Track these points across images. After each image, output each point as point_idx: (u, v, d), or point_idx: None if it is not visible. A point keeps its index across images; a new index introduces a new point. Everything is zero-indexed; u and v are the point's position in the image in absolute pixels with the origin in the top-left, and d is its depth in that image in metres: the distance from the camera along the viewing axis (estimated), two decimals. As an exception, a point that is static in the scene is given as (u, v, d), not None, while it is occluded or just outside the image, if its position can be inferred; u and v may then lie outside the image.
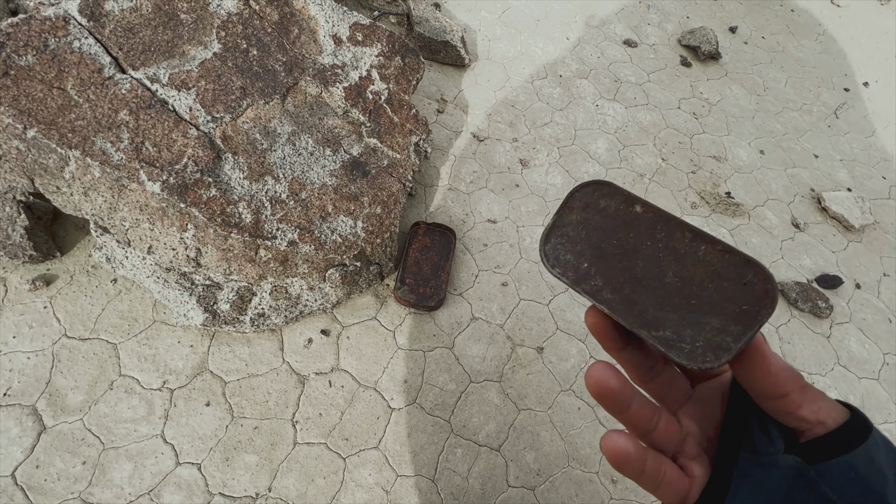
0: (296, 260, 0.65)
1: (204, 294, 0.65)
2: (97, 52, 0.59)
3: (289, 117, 0.69)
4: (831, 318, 0.93)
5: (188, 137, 0.60)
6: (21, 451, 0.57)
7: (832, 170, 1.22)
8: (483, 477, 0.65)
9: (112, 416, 0.61)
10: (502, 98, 1.09)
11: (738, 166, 1.14)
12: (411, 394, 0.69)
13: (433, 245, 0.81)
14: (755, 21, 1.59)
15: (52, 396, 0.61)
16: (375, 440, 0.65)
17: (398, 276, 0.76)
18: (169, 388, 0.64)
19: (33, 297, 0.66)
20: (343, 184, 0.69)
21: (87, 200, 0.59)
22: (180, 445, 0.61)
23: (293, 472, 0.62)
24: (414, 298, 0.75)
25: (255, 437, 0.63)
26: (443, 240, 0.82)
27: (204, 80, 0.64)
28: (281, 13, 0.73)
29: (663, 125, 1.17)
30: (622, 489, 0.69)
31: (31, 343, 0.63)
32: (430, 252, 0.80)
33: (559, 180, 0.99)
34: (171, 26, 0.64)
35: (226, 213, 0.60)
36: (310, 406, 0.66)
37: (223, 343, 0.68)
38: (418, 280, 0.77)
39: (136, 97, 0.59)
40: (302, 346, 0.70)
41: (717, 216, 1.03)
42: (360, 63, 0.77)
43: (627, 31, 1.37)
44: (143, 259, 0.63)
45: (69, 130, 0.55)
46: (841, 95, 1.44)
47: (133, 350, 0.65)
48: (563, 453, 0.69)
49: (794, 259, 1.01)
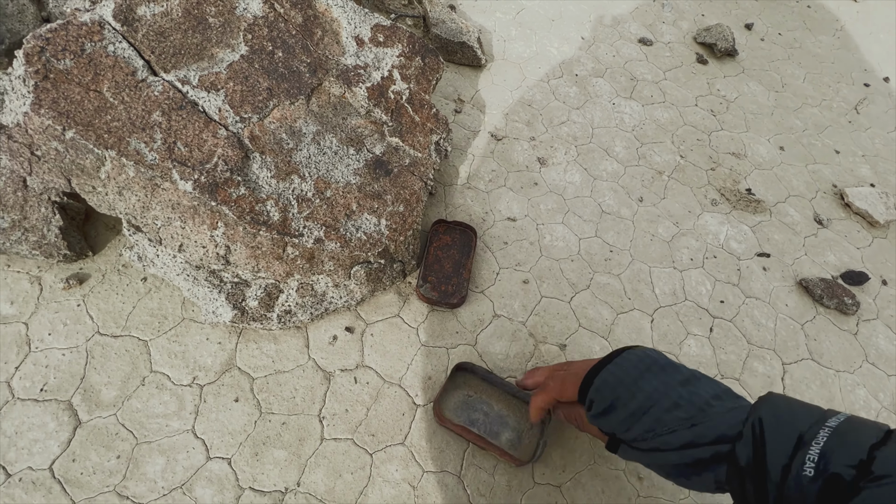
0: (322, 257, 0.66)
1: (232, 291, 0.66)
2: (131, 55, 0.61)
3: (313, 117, 0.70)
4: (858, 314, 0.92)
5: (218, 137, 0.61)
6: (58, 445, 0.58)
7: (854, 165, 1.20)
8: (509, 474, 0.65)
9: (144, 411, 0.62)
10: (519, 97, 1.10)
11: (757, 163, 1.13)
12: (436, 390, 0.69)
13: (454, 243, 0.81)
14: (771, 18, 1.58)
15: (86, 392, 0.62)
16: (401, 436, 0.66)
17: (420, 273, 0.77)
18: (199, 384, 0.65)
19: (67, 296, 0.67)
20: (366, 182, 0.70)
21: (121, 199, 0.60)
22: (211, 440, 0.62)
23: (321, 468, 0.62)
24: (436, 296, 0.75)
25: (284, 432, 0.64)
26: (463, 238, 0.82)
27: (232, 81, 0.65)
28: (305, 15, 0.74)
29: (681, 122, 1.17)
30: (648, 486, 0.68)
31: (66, 340, 0.64)
32: (451, 250, 0.80)
33: (578, 178, 0.99)
34: (199, 30, 0.66)
35: (255, 211, 0.61)
36: (336, 402, 0.67)
37: (250, 340, 0.69)
38: (440, 278, 0.77)
39: (168, 99, 0.61)
40: (327, 343, 0.71)
41: (738, 213, 1.03)
42: (382, 63, 0.78)
43: (642, 30, 1.37)
44: (173, 257, 0.65)
45: (105, 131, 0.56)
46: (861, 91, 1.42)
47: (163, 347, 0.66)
48: (587, 449, 0.69)
49: (818, 255, 0.99)
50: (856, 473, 0.32)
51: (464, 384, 0.69)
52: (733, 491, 0.41)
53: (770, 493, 0.36)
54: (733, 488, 0.40)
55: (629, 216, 0.96)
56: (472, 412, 0.68)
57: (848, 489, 0.32)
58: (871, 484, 0.31)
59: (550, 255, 0.86)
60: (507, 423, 0.68)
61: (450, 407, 0.68)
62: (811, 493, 0.33)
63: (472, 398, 0.69)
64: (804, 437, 0.36)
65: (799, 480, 0.34)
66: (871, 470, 0.32)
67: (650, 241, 0.93)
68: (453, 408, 0.68)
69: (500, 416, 0.68)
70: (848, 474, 0.32)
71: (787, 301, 0.91)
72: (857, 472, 0.32)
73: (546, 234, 0.89)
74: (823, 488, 0.33)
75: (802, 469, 0.34)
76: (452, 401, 0.68)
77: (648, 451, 0.46)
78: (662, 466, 0.47)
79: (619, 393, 0.48)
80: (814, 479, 0.33)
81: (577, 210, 0.94)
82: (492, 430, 0.67)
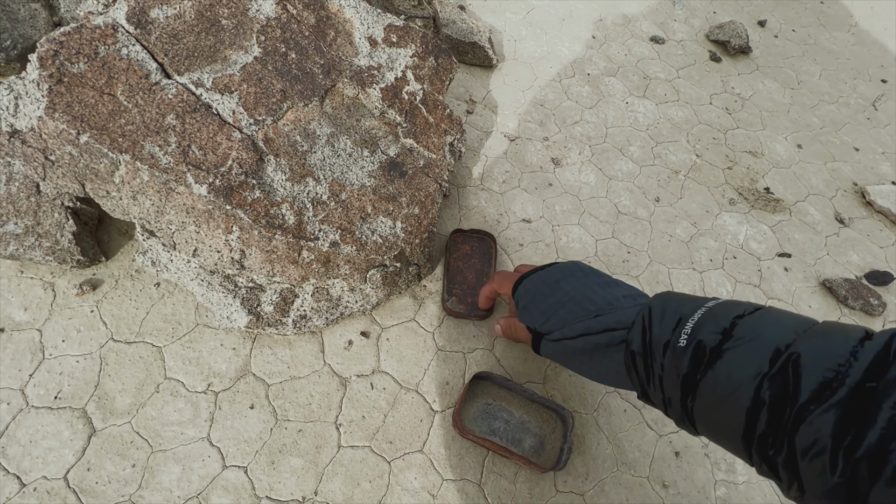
0: (338, 261, 0.65)
1: (247, 296, 0.65)
2: (144, 58, 0.60)
3: (327, 119, 0.69)
4: (884, 315, 0.90)
5: (232, 140, 0.61)
6: (73, 454, 0.57)
7: (874, 163, 1.17)
8: (531, 481, 0.63)
9: (159, 418, 0.61)
10: (531, 97, 1.08)
11: (775, 161, 1.11)
12: (453, 396, 0.68)
13: (473, 252, 0.80)
14: (784, 14, 1.56)
15: (100, 399, 0.61)
16: (419, 443, 0.64)
17: (444, 287, 0.75)
18: (213, 391, 0.64)
19: (80, 302, 0.66)
20: (381, 184, 0.69)
21: (135, 204, 0.59)
22: (226, 448, 0.61)
23: (339, 476, 0.61)
24: (464, 309, 0.74)
25: (300, 440, 0.62)
26: (482, 245, 0.81)
27: (246, 83, 0.64)
28: (317, 16, 0.73)
29: (696, 121, 1.15)
30: (674, 494, 0.66)
31: (80, 347, 0.64)
32: (471, 259, 0.79)
33: (592, 178, 0.97)
34: (213, 32, 0.65)
35: (270, 214, 0.60)
36: (352, 409, 0.65)
37: (265, 346, 0.68)
38: (465, 290, 0.75)
39: (182, 101, 0.60)
40: (342, 348, 0.69)
41: (757, 212, 1.00)
42: (396, 64, 0.77)
43: (654, 28, 1.35)
44: (187, 262, 0.64)
45: (119, 135, 0.56)
46: (878, 87, 1.39)
47: (177, 353, 0.65)
48: (611, 457, 0.67)
49: (841, 255, 0.97)
50: (721, 339, 0.35)
51: (482, 393, 0.68)
52: (630, 377, 0.43)
53: (655, 371, 0.39)
54: (630, 374, 0.43)
55: (646, 216, 0.94)
56: (493, 421, 0.66)
57: (712, 353, 0.35)
58: (731, 343, 0.34)
59: (567, 256, 0.85)
60: (528, 430, 0.66)
61: (470, 417, 0.66)
62: (684, 362, 0.36)
63: (492, 406, 0.67)
64: (683, 318, 0.39)
65: (674, 352, 0.37)
66: (732, 334, 0.35)
67: (668, 241, 0.91)
68: (473, 417, 0.66)
69: (521, 422, 0.66)
70: (713, 340, 0.35)
71: (811, 302, 0.89)
72: (722, 338, 0.35)
73: (562, 236, 0.87)
74: (693, 355, 0.36)
75: (678, 342, 0.37)
76: (472, 410, 0.67)
77: (559, 340, 0.51)
78: (572, 356, 0.51)
79: (542, 289, 0.55)
80: (685, 349, 0.37)
81: (592, 211, 0.92)
82: (514, 438, 0.65)
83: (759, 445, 0.31)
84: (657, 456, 0.69)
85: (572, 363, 0.53)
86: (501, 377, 0.67)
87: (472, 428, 0.65)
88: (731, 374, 0.33)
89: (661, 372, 0.39)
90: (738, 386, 0.32)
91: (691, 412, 0.37)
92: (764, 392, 0.31)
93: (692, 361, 0.36)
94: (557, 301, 0.52)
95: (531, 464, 0.61)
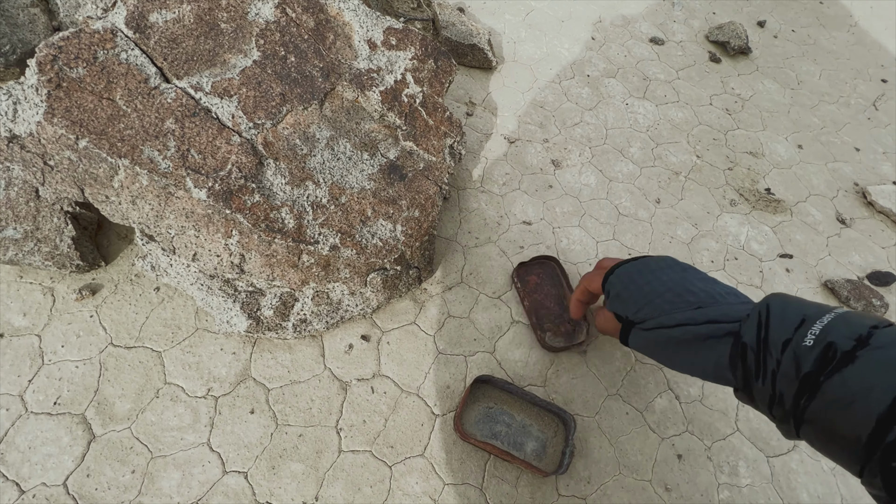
0: (338, 265, 0.65)
1: (247, 300, 0.65)
2: (143, 62, 0.60)
3: (327, 122, 0.69)
4: (886, 316, 0.89)
5: (231, 144, 0.60)
6: (72, 460, 0.57)
7: (875, 163, 1.17)
8: (532, 485, 0.63)
9: (159, 424, 0.61)
10: (531, 99, 1.08)
11: (776, 162, 1.11)
12: (454, 400, 0.68)
13: (542, 280, 0.78)
14: (783, 15, 1.56)
15: (100, 405, 0.61)
16: (420, 447, 0.64)
17: (534, 326, 0.74)
18: (213, 396, 0.63)
19: (80, 307, 0.66)
20: (381, 188, 0.69)
21: (134, 209, 0.59)
22: (226, 454, 0.60)
23: (339, 481, 0.60)
24: (564, 340, 0.73)
25: (300, 444, 0.62)
26: (546, 269, 0.80)
27: (245, 87, 0.64)
28: (317, 20, 0.73)
29: (696, 122, 1.15)
30: (676, 497, 0.66)
31: (79, 352, 0.63)
32: (544, 287, 0.78)
33: (593, 180, 0.97)
34: (212, 36, 0.65)
35: (269, 218, 0.60)
36: (353, 413, 0.65)
37: (265, 350, 0.68)
38: (554, 320, 0.74)
39: (181, 106, 0.60)
40: (343, 352, 0.69)
41: (758, 213, 1.00)
42: (395, 67, 0.77)
43: (653, 29, 1.35)
44: (187, 267, 0.64)
45: (118, 140, 0.55)
46: (879, 87, 1.39)
47: (177, 358, 0.65)
48: (613, 460, 0.67)
49: (843, 256, 0.97)
50: (855, 344, 0.34)
51: (483, 396, 0.68)
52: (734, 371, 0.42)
53: (769, 366, 0.38)
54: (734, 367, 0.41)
55: (647, 218, 0.94)
56: (495, 424, 0.66)
57: (844, 356, 0.33)
58: (866, 350, 0.33)
59: (568, 258, 0.84)
60: (530, 433, 0.66)
61: (471, 421, 0.66)
62: (808, 360, 0.35)
63: (494, 410, 0.67)
64: (808, 318, 0.38)
65: (798, 349, 0.36)
66: (868, 342, 0.33)
67: (669, 243, 0.91)
68: (474, 421, 0.66)
69: (522, 426, 0.66)
70: (846, 345, 0.34)
71: (813, 303, 0.88)
72: (856, 344, 0.34)
73: (563, 238, 0.87)
74: (821, 355, 0.34)
75: (803, 340, 0.36)
76: (473, 414, 0.66)
77: (653, 329, 0.49)
78: (666, 346, 0.49)
79: (637, 278, 0.53)
80: (812, 348, 0.35)
81: (593, 213, 0.92)
82: (515, 442, 0.65)
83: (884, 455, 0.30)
84: (660, 459, 0.68)
85: (665, 354, 0.50)
86: (503, 380, 0.67)
87: (474, 432, 0.65)
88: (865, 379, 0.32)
89: (776, 368, 0.37)
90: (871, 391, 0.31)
91: (803, 411, 0.35)
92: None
93: (819, 361, 0.34)
94: (654, 290, 0.51)
95: (533, 468, 0.61)
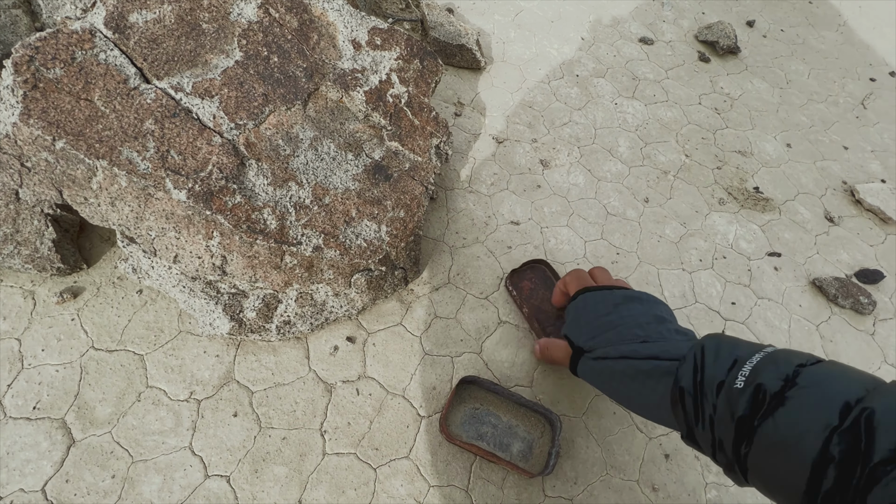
0: (321, 266, 0.64)
1: (230, 302, 0.64)
2: (122, 63, 0.59)
3: (310, 123, 0.69)
4: (874, 314, 0.89)
5: (212, 145, 0.60)
6: (51, 466, 0.56)
7: (863, 161, 1.18)
8: (519, 487, 0.63)
9: (140, 428, 0.60)
10: (519, 99, 1.08)
11: (764, 160, 1.11)
12: (440, 401, 0.67)
13: (535, 284, 0.78)
14: (772, 14, 1.56)
15: (80, 409, 0.60)
16: (406, 449, 0.63)
17: (536, 329, 0.73)
18: (196, 399, 0.63)
19: (61, 310, 0.66)
20: (366, 188, 0.68)
21: (114, 210, 0.59)
22: (209, 457, 0.60)
23: (323, 484, 0.60)
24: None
25: (284, 447, 0.61)
26: (537, 273, 0.79)
27: (227, 87, 0.64)
28: (300, 20, 0.73)
29: (685, 121, 1.15)
30: (664, 497, 0.66)
31: (60, 356, 0.63)
32: (537, 291, 0.77)
33: (581, 180, 0.97)
34: (193, 36, 0.65)
35: (251, 219, 0.59)
36: (338, 415, 0.65)
37: (249, 352, 0.67)
38: (555, 323, 0.73)
39: (161, 106, 0.59)
40: (328, 354, 0.69)
41: (747, 212, 1.00)
42: (380, 67, 0.76)
43: (642, 29, 1.36)
44: (168, 269, 0.63)
45: (97, 141, 0.55)
46: (867, 85, 1.40)
47: (159, 361, 0.64)
48: (600, 460, 0.67)
49: (831, 254, 0.97)
50: (783, 385, 0.34)
51: (469, 397, 0.67)
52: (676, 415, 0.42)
53: (706, 410, 0.38)
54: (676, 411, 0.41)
55: (635, 217, 0.94)
56: (481, 425, 0.65)
57: (773, 399, 0.34)
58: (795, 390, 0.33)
59: (556, 258, 0.84)
60: (516, 434, 0.65)
61: (457, 422, 0.65)
62: (741, 404, 0.35)
63: (479, 410, 0.66)
64: (739, 360, 0.38)
65: (730, 393, 0.36)
66: (796, 382, 0.34)
67: (657, 242, 0.91)
68: (460, 422, 0.65)
69: (509, 426, 0.66)
70: (774, 386, 0.34)
71: (801, 301, 0.89)
72: (784, 384, 0.34)
73: (551, 238, 0.87)
74: (752, 398, 0.35)
75: (734, 383, 0.36)
76: (459, 415, 0.66)
77: (599, 359, 0.50)
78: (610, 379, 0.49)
79: (599, 307, 0.54)
80: (742, 391, 0.35)
81: (581, 212, 0.92)
82: (502, 443, 0.64)
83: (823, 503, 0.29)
84: (647, 459, 0.68)
85: (610, 387, 0.51)
86: (489, 381, 0.67)
87: (460, 433, 0.64)
88: (796, 423, 0.31)
89: (713, 413, 0.37)
90: (804, 436, 0.30)
91: (744, 459, 0.35)
92: (833, 447, 0.29)
93: (750, 404, 0.34)
94: (610, 322, 0.51)
95: (519, 469, 0.60)
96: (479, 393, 0.68)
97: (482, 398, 0.67)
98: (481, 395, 0.67)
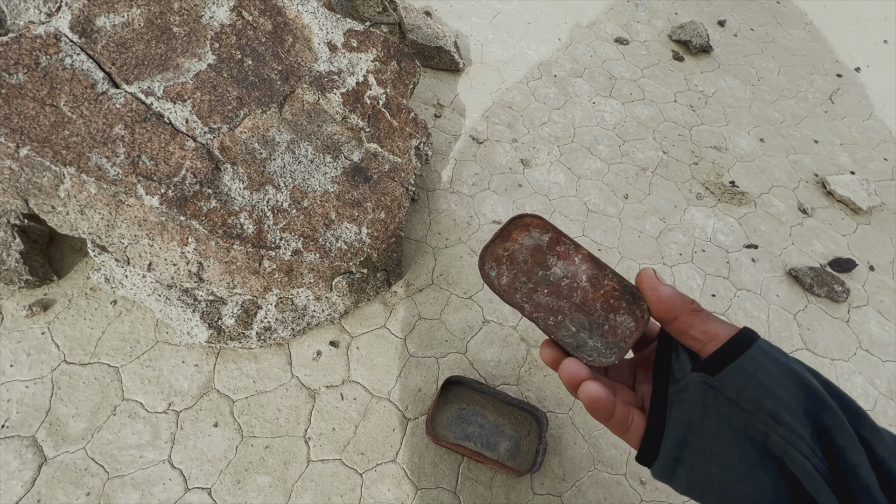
0: (301, 269, 0.63)
1: (207, 310, 0.63)
2: (90, 67, 0.58)
3: (287, 125, 0.68)
4: (848, 301, 0.92)
5: (185, 149, 0.59)
6: (21, 486, 0.54)
7: (833, 154, 1.21)
8: (507, 485, 0.62)
9: (116, 442, 0.58)
10: (499, 100, 1.09)
11: (739, 155, 1.13)
12: (426, 403, 0.66)
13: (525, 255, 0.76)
14: (742, 14, 1.60)
15: (52, 426, 0.58)
16: (392, 453, 0.63)
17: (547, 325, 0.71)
18: (175, 410, 0.61)
19: (30, 324, 0.63)
20: (345, 190, 0.68)
21: (83, 219, 0.57)
22: (189, 470, 0.58)
23: (308, 492, 0.59)
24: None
25: (267, 456, 0.60)
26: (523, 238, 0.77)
27: (199, 91, 0.63)
28: (274, 23, 0.72)
29: (661, 119, 1.17)
30: (651, 490, 0.66)
31: (30, 371, 0.60)
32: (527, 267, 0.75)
33: (562, 178, 0.98)
34: (163, 39, 0.63)
35: (227, 224, 0.58)
36: (322, 421, 0.63)
37: (229, 360, 0.66)
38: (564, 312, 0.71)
39: (131, 111, 0.58)
40: (311, 359, 0.68)
41: (724, 206, 1.02)
42: (357, 69, 0.76)
43: (618, 30, 1.38)
44: (143, 277, 0.61)
45: (63, 147, 0.53)
46: (834, 81, 1.44)
47: (136, 372, 0.63)
48: (587, 456, 0.67)
49: (805, 244, 0.99)
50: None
51: (455, 398, 0.67)
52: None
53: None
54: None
55: (615, 214, 0.95)
56: (467, 426, 0.65)
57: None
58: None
59: (538, 256, 0.84)
60: (503, 433, 0.65)
61: (443, 423, 0.65)
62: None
63: (466, 410, 0.66)
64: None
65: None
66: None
67: (638, 237, 0.92)
68: (447, 423, 0.65)
69: (495, 426, 0.65)
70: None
71: (778, 291, 0.91)
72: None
73: (533, 236, 0.87)
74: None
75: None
76: (445, 416, 0.65)
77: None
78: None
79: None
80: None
81: (563, 210, 0.92)
82: (489, 442, 0.64)
83: None
84: (634, 452, 0.68)
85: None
86: (474, 381, 0.66)
87: (446, 434, 0.64)
88: None
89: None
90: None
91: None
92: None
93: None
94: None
95: (506, 468, 0.60)
96: (466, 393, 0.67)
97: (468, 398, 0.67)
98: (467, 395, 0.67)
